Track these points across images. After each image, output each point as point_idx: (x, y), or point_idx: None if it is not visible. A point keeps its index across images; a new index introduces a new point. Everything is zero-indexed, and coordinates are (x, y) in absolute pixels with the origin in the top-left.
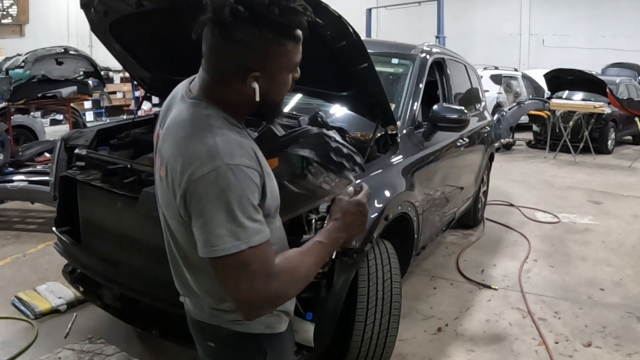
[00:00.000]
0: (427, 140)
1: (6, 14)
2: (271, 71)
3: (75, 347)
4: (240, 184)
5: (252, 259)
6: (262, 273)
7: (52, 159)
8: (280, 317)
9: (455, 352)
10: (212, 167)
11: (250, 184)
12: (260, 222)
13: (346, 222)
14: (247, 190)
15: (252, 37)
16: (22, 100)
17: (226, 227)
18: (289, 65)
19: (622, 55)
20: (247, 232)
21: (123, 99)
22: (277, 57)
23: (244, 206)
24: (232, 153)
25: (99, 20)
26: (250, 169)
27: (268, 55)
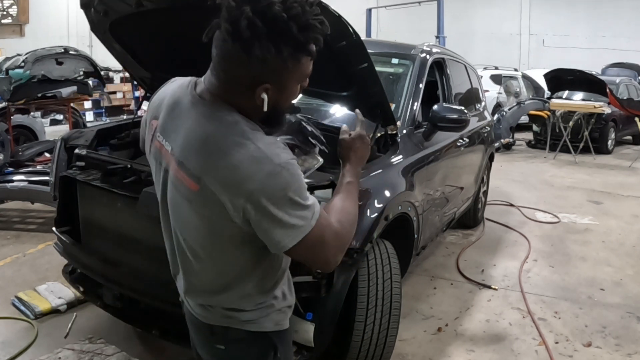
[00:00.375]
0: (427, 140)
1: (6, 14)
2: (281, 83)
3: (75, 347)
4: (294, 177)
5: (321, 227)
6: (332, 234)
7: (52, 159)
8: (286, 313)
9: (455, 352)
10: (267, 172)
11: (299, 173)
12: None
13: (358, 156)
14: (299, 179)
15: (268, 53)
16: (22, 100)
17: (296, 216)
18: (300, 77)
19: (622, 55)
20: (310, 209)
21: (123, 99)
22: (291, 71)
23: (303, 192)
24: (277, 153)
25: (99, 20)
26: (294, 160)
27: (282, 70)
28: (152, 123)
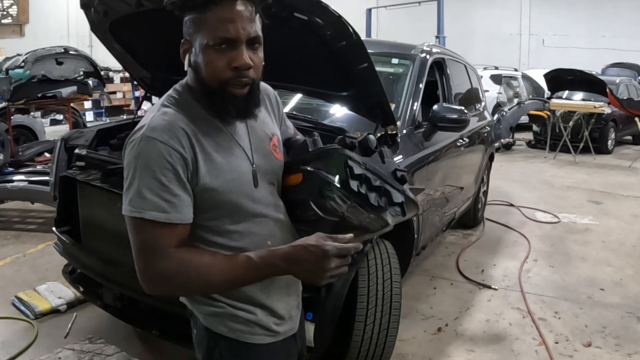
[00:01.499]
0: (427, 140)
1: (6, 14)
2: (193, 41)
3: (75, 347)
4: (148, 155)
5: (141, 230)
6: (152, 248)
7: (52, 159)
8: (249, 326)
9: (455, 352)
10: (136, 137)
11: (159, 158)
12: (167, 202)
13: (296, 259)
14: (154, 163)
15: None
16: (22, 100)
17: (131, 191)
18: (208, 39)
19: (622, 55)
20: (144, 203)
21: (123, 99)
22: (196, 25)
23: (147, 177)
24: (155, 127)
25: (99, 20)
26: (165, 145)
27: (190, 22)
28: None
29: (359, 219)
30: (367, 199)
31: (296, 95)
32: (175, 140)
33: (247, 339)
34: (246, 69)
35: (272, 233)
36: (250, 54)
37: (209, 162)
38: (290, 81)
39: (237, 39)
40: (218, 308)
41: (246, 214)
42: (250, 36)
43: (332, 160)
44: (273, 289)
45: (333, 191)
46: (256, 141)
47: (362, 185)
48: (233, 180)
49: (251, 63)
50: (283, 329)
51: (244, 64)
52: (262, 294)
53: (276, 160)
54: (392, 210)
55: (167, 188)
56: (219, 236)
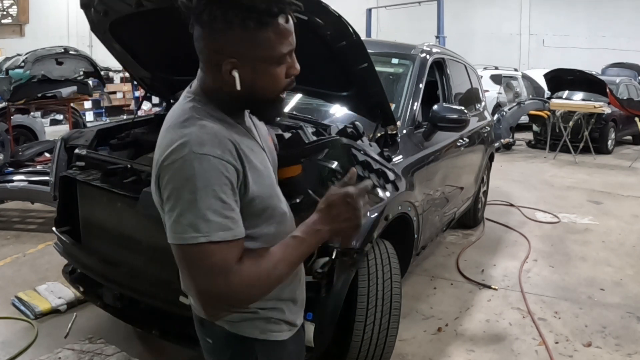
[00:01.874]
0: (427, 140)
1: (6, 14)
2: (251, 61)
3: (75, 347)
4: (206, 174)
5: (210, 254)
6: (221, 269)
7: (52, 159)
8: (279, 324)
9: (455, 352)
10: (181, 155)
11: (217, 176)
12: (230, 219)
13: (330, 215)
14: (213, 181)
15: (214, 19)
16: (22, 100)
17: (187, 217)
18: (272, 55)
19: (622, 55)
20: (209, 225)
21: (123, 99)
22: (247, 43)
23: (209, 198)
24: (203, 142)
25: (99, 20)
26: (220, 160)
27: (237, 41)
28: None
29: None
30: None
31: (296, 95)
32: (227, 153)
33: (277, 337)
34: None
35: (291, 229)
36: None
37: (253, 169)
38: None
39: (293, 48)
40: (249, 313)
41: (277, 215)
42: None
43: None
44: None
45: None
46: (263, 140)
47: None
48: (270, 185)
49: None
50: (300, 320)
51: (298, 71)
52: (288, 288)
53: (275, 152)
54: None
55: (227, 205)
56: (256, 242)
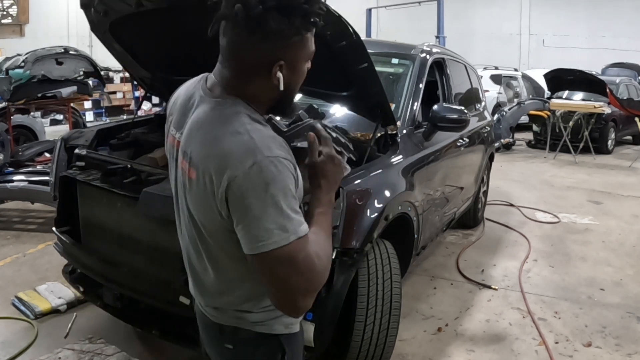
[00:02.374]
0: (427, 140)
1: (6, 14)
2: (293, 61)
3: (75, 347)
4: (281, 175)
5: (299, 250)
6: (307, 264)
7: (52, 159)
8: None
9: (455, 352)
10: (253, 162)
11: (289, 176)
12: (300, 214)
13: (330, 181)
14: (288, 181)
15: (282, 25)
16: (22, 100)
17: (274, 220)
18: (307, 54)
19: (622, 55)
20: (293, 223)
21: (123, 99)
22: (298, 46)
23: (288, 198)
24: (270, 146)
25: (99, 20)
26: (287, 161)
27: (291, 44)
28: (169, 119)
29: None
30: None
31: (296, 95)
32: (289, 153)
33: (295, 329)
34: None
35: None
36: None
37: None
38: None
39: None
40: (271, 309)
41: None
42: None
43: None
44: None
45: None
46: None
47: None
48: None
49: None
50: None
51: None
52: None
53: None
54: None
55: (296, 200)
56: None
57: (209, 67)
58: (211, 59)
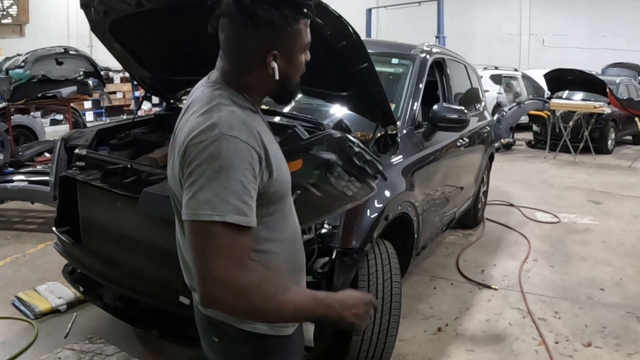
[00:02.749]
0: (427, 140)
1: (6, 14)
2: (288, 51)
3: (75, 347)
4: (231, 155)
5: (222, 235)
6: (234, 256)
7: (52, 159)
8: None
9: (455, 352)
10: (209, 135)
11: (242, 160)
12: (247, 205)
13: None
14: (237, 163)
15: (271, 16)
16: (22, 100)
17: (206, 194)
18: (302, 45)
19: (622, 55)
20: (226, 206)
21: (123, 99)
22: (292, 36)
23: (230, 179)
24: (232, 126)
25: (99, 20)
26: (247, 145)
27: (285, 34)
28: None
29: (352, 190)
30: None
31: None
32: (253, 139)
33: (284, 332)
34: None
35: (297, 220)
36: None
37: (274, 157)
38: None
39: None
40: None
41: (289, 204)
42: None
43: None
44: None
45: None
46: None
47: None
48: (287, 172)
49: None
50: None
51: (309, 57)
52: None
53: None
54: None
55: (247, 190)
56: (270, 231)
57: (208, 67)
58: (211, 58)
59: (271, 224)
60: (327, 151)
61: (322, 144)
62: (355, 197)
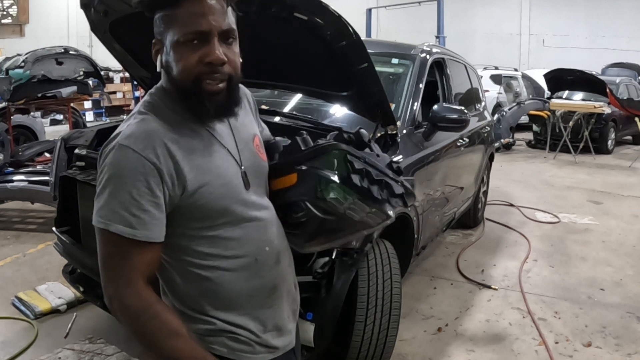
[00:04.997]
0: (427, 140)
1: (6, 14)
2: (166, 41)
3: (75, 347)
4: (120, 163)
5: (109, 243)
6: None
7: (52, 159)
8: (249, 345)
9: (455, 352)
10: (111, 144)
11: (133, 171)
12: (135, 217)
13: None
14: (125, 173)
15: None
16: (22, 100)
17: (101, 201)
18: (179, 32)
19: (622, 55)
20: (112, 215)
21: (123, 99)
22: (165, 25)
23: (118, 189)
24: (130, 135)
25: (99, 20)
26: (139, 155)
27: (159, 23)
28: None
29: (360, 214)
30: (369, 192)
31: (296, 95)
32: (150, 149)
33: (249, 358)
34: (220, 64)
35: (268, 238)
36: (224, 48)
37: (195, 168)
38: (290, 81)
39: (208, 32)
40: (211, 325)
41: (241, 220)
42: (222, 29)
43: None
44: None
45: (333, 189)
46: (241, 142)
47: (364, 179)
48: (223, 185)
49: (224, 58)
50: (283, 343)
51: (216, 58)
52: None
53: (262, 160)
54: (393, 201)
55: (136, 202)
56: (214, 247)
57: None
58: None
59: (215, 240)
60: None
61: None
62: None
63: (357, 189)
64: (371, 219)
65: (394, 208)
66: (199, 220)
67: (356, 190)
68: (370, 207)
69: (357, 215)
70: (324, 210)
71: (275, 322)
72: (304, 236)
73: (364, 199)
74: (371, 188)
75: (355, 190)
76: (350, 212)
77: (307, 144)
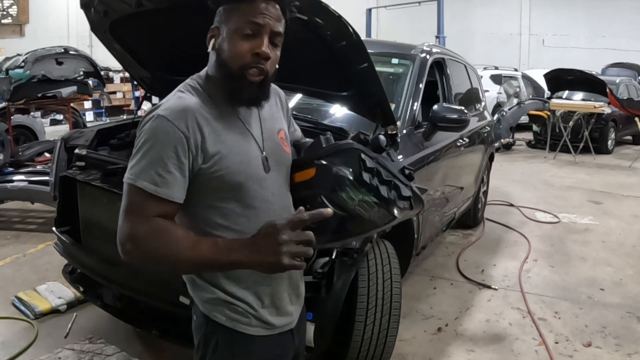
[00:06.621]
0: (427, 140)
1: (6, 14)
2: (222, 28)
3: (75, 347)
4: (155, 130)
5: (133, 195)
6: (139, 212)
7: (52, 159)
8: (247, 317)
9: (455, 352)
10: (150, 115)
11: (165, 136)
12: (160, 177)
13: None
14: (159, 138)
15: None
16: (22, 100)
17: (133, 161)
18: (238, 22)
19: (622, 55)
20: (141, 173)
21: (123, 99)
22: (228, 16)
23: (150, 152)
24: (167, 108)
25: (99, 20)
26: (172, 124)
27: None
28: None
29: (369, 213)
30: (378, 191)
31: (296, 95)
32: (182, 121)
33: (244, 329)
34: (265, 57)
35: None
36: (270, 47)
37: (219, 143)
38: (290, 81)
39: (263, 27)
40: (214, 295)
41: (254, 199)
42: (274, 30)
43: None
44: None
45: (346, 185)
46: (267, 131)
47: (373, 177)
48: (242, 162)
49: (270, 53)
50: (280, 322)
51: (264, 51)
52: (258, 284)
53: (285, 152)
54: (400, 203)
55: (163, 164)
56: (225, 219)
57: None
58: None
59: (227, 212)
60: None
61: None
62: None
63: (366, 186)
64: (379, 218)
65: (400, 209)
66: (215, 190)
67: (366, 187)
68: (378, 207)
69: (366, 213)
70: (337, 205)
71: (273, 300)
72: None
73: (372, 197)
74: (380, 187)
75: (365, 187)
76: (360, 210)
77: (328, 142)
